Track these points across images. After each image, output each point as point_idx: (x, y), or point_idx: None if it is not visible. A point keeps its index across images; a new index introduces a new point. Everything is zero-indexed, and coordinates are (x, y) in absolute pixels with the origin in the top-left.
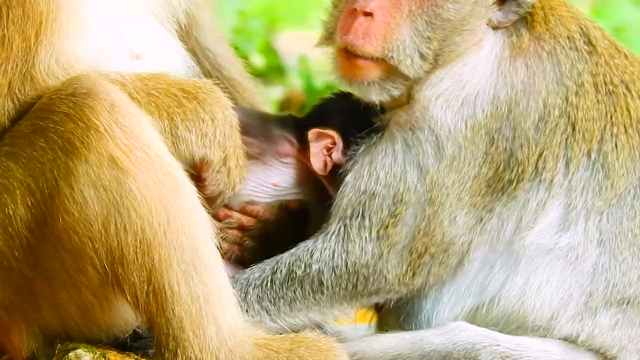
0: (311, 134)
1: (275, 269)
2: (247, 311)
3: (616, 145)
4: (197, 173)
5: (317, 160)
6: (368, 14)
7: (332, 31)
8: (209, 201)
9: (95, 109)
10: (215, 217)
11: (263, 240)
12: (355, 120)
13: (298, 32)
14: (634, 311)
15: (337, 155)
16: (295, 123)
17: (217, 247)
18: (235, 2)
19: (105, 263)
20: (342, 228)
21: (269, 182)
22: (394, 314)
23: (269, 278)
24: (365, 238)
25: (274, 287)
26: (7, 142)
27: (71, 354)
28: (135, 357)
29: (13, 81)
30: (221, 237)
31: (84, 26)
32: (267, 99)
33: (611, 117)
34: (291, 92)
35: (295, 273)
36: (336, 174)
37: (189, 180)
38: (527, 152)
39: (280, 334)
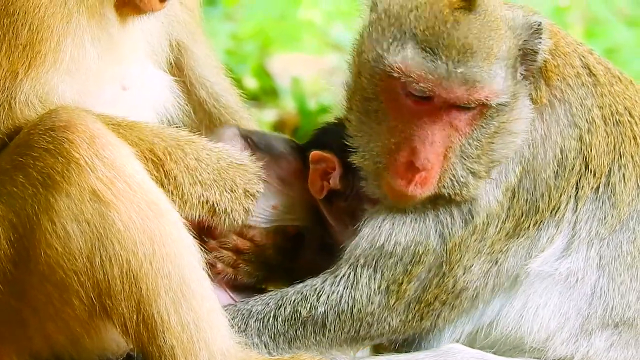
0: (312, 155)
1: (279, 304)
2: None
3: (624, 176)
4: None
5: (314, 183)
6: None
7: (379, 165)
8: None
9: (74, 142)
10: (210, 235)
11: (259, 264)
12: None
13: (291, 54)
14: (629, 333)
15: (334, 180)
16: (297, 147)
17: (207, 271)
18: (229, 25)
19: (92, 295)
20: (352, 274)
21: (269, 204)
22: None
23: (272, 313)
24: (375, 290)
25: (275, 324)
26: None
27: None
28: None
29: None
30: (215, 257)
31: (68, 58)
32: (261, 122)
33: (619, 149)
34: (285, 115)
35: (300, 313)
36: (332, 200)
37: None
38: (548, 200)
39: None
